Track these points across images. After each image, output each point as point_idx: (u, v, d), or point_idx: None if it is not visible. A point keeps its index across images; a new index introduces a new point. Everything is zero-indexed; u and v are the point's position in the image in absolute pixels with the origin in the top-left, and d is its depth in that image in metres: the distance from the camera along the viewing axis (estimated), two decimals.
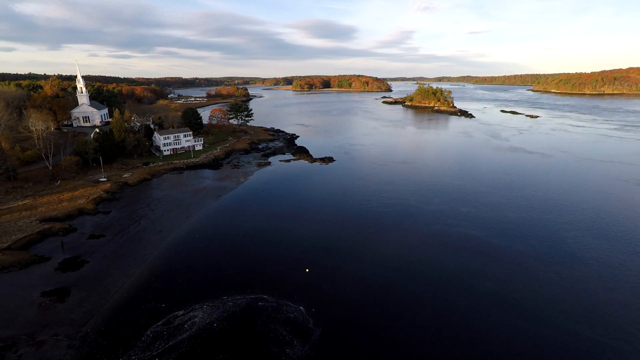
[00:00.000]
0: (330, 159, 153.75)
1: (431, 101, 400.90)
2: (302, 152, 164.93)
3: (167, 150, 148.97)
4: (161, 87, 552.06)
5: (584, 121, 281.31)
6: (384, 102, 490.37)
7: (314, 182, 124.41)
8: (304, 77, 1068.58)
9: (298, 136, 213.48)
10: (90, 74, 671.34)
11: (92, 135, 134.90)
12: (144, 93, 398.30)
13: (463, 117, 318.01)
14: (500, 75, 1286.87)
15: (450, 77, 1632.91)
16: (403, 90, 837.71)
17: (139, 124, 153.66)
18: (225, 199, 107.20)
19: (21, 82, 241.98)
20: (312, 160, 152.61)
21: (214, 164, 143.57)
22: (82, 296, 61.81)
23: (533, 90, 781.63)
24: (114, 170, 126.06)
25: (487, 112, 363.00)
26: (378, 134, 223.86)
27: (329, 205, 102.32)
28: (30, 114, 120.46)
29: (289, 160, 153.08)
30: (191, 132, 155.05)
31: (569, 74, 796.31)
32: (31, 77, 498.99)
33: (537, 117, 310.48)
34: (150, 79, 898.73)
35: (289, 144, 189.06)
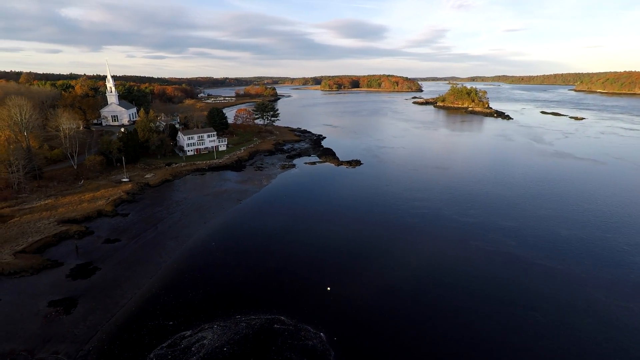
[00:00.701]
0: (357, 162, 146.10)
1: (465, 102, 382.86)
2: (328, 155, 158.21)
3: (191, 150, 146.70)
4: (191, 87, 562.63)
5: (639, 124, 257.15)
6: (414, 102, 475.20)
7: (339, 187, 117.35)
8: (332, 77, 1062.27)
9: (325, 137, 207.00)
10: (127, 74, 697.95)
11: (117, 134, 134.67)
12: (175, 92, 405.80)
13: (500, 118, 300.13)
14: (538, 75, 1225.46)
15: (484, 76, 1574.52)
16: (434, 90, 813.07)
17: (164, 124, 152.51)
18: (245, 203, 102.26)
19: (56, 82, 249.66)
20: (339, 163, 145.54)
21: (237, 166, 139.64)
22: (89, 308, 58.01)
23: (576, 90, 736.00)
24: (137, 170, 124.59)
25: (526, 113, 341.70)
26: (408, 136, 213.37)
27: (354, 213, 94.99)
28: (58, 113, 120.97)
29: (314, 163, 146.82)
30: (215, 133, 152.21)
31: (617, 72, 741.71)
32: (72, 77, 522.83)
33: (582, 119, 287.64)
34: (182, 78, 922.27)
35: (315, 145, 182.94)
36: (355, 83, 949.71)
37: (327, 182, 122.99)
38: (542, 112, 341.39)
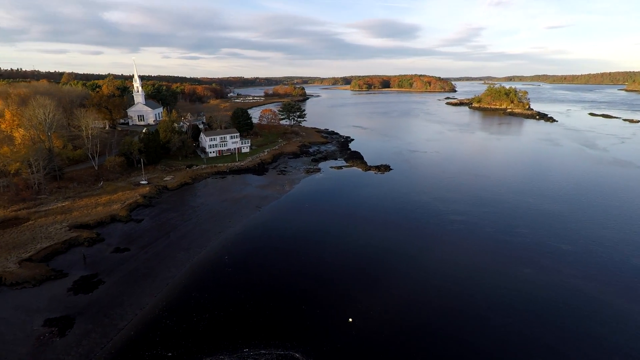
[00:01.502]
0: (386, 168, 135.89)
1: (503, 102, 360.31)
2: (356, 158, 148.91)
3: (213, 152, 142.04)
4: (221, 87, 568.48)
5: None
6: (447, 103, 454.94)
7: (366, 195, 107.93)
8: (362, 76, 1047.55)
9: (353, 139, 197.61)
10: (161, 74, 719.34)
11: (139, 135, 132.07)
12: (205, 92, 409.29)
13: (542, 120, 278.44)
14: (583, 74, 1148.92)
15: (522, 76, 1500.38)
16: (469, 90, 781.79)
17: (187, 124, 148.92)
18: (265, 211, 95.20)
19: (87, 82, 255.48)
20: (366, 168, 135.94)
21: (259, 169, 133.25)
22: (85, 330, 52.40)
23: (626, 90, 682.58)
24: (157, 172, 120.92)
25: (572, 115, 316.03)
26: (442, 140, 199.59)
27: (382, 228, 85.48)
28: (80, 113, 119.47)
29: (340, 167, 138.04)
30: (238, 134, 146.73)
31: None
32: (109, 76, 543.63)
33: (639, 121, 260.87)
34: (214, 78, 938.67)
35: (342, 147, 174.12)
36: (385, 83, 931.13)
37: (353, 189, 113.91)
38: (591, 114, 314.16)
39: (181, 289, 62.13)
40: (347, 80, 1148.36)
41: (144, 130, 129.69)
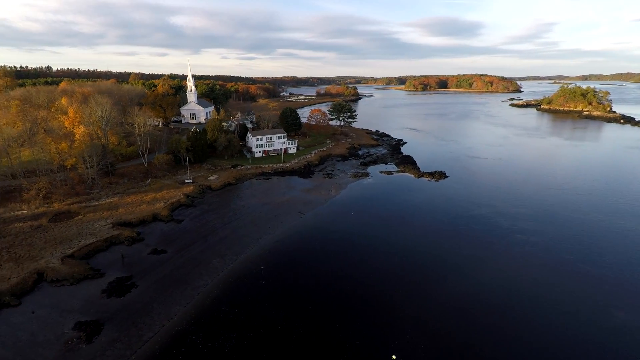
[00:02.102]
0: (441, 175, 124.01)
1: (578, 104, 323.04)
2: (408, 163, 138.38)
3: (259, 152, 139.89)
4: (274, 86, 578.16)
5: None
6: (511, 104, 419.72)
7: (417, 205, 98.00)
8: (418, 76, 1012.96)
9: (405, 142, 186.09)
10: (219, 74, 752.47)
11: (187, 133, 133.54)
12: (257, 91, 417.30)
13: (628, 125, 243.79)
14: None
15: (601, 74, 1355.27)
16: (536, 91, 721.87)
17: (235, 123, 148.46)
18: (308, 218, 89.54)
19: (146, 81, 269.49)
20: (419, 174, 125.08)
21: (305, 171, 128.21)
22: (111, 339, 50.07)
23: None
24: (203, 171, 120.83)
25: None
26: (507, 145, 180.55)
27: (434, 243, 75.67)
28: (133, 111, 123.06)
29: (390, 172, 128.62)
30: (285, 134, 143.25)
31: None
32: (172, 77, 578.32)
33: None
34: (268, 78, 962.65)
35: (393, 151, 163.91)
36: (442, 83, 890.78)
37: (403, 197, 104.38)
38: None
39: (212, 300, 58.18)
40: (401, 80, 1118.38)
41: (192, 129, 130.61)
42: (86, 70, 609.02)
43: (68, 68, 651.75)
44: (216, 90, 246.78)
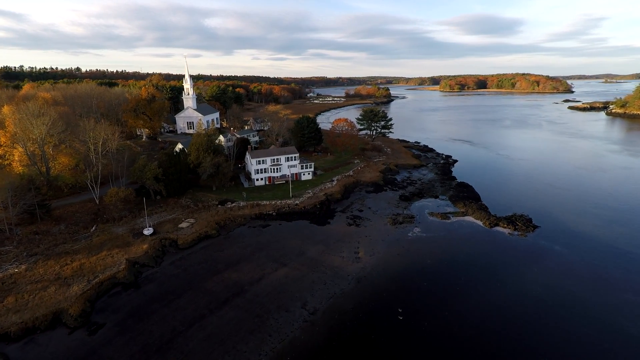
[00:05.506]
0: (527, 222, 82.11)
1: None
2: (468, 198, 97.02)
3: (261, 179, 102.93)
4: (300, 87, 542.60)
5: None
6: (570, 107, 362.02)
7: (503, 291, 57.18)
8: (453, 76, 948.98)
9: (456, 160, 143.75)
10: (248, 74, 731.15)
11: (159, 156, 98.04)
12: (282, 92, 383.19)
13: None
14: None
15: None
16: (589, 91, 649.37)
17: (234, 138, 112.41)
18: (319, 316, 51.39)
19: (157, 83, 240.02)
20: (490, 221, 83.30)
21: (321, 212, 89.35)
22: None
23: None
24: (177, 211, 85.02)
25: None
26: (611, 170, 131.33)
27: None
28: (87, 126, 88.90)
29: (446, 216, 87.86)
30: (297, 154, 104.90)
31: None
32: (199, 77, 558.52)
33: None
34: (297, 78, 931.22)
35: (443, 175, 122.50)
36: (481, 83, 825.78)
37: (476, 272, 63.83)
38: None
39: None
40: (435, 81, 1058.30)
41: (164, 149, 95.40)
42: (114, 71, 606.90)
43: (97, 69, 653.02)
44: (229, 92, 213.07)
